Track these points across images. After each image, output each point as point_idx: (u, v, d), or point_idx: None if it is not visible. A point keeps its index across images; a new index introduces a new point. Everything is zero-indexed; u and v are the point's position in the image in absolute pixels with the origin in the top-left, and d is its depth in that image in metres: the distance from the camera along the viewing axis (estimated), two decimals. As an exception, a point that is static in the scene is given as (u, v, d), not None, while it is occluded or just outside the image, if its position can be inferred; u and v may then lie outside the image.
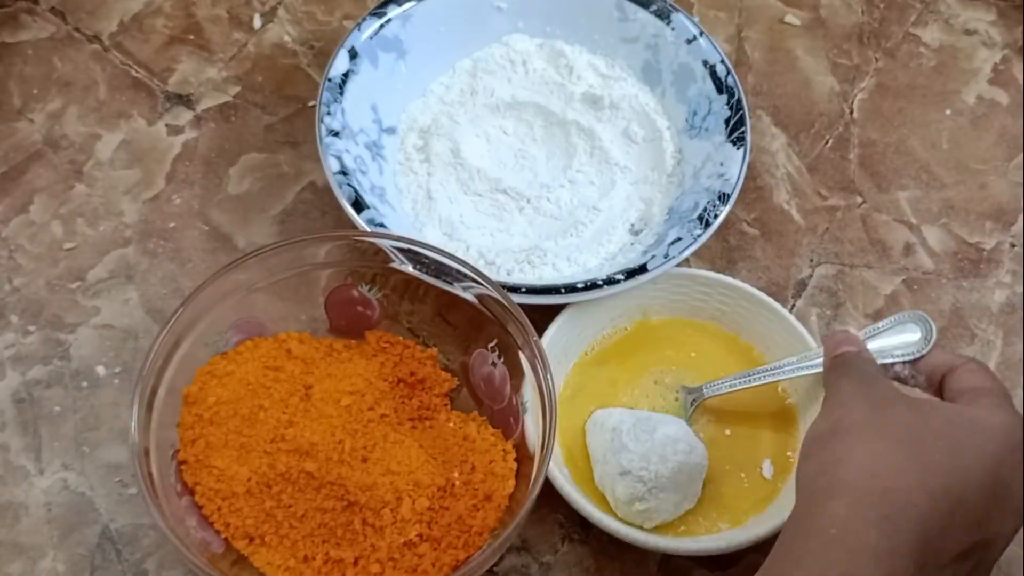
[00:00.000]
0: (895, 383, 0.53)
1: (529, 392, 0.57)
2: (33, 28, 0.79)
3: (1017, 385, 0.66)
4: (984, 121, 0.78)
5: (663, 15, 0.73)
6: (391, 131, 0.72)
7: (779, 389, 0.63)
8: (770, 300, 0.64)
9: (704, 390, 0.62)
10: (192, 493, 0.55)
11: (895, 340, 0.56)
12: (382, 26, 0.72)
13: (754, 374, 0.61)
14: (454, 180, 0.70)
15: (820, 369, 0.56)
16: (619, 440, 0.58)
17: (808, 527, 0.44)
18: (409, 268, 0.60)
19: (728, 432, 0.62)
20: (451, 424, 0.59)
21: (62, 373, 0.64)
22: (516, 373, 0.58)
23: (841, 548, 0.42)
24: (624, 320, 0.65)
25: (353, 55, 0.70)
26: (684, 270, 0.65)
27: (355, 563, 0.53)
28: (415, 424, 0.59)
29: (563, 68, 0.75)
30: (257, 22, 0.80)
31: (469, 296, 0.59)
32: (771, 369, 0.60)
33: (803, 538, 0.44)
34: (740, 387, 0.61)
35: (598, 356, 0.65)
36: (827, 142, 0.77)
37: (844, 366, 0.53)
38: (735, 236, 0.72)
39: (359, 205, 0.64)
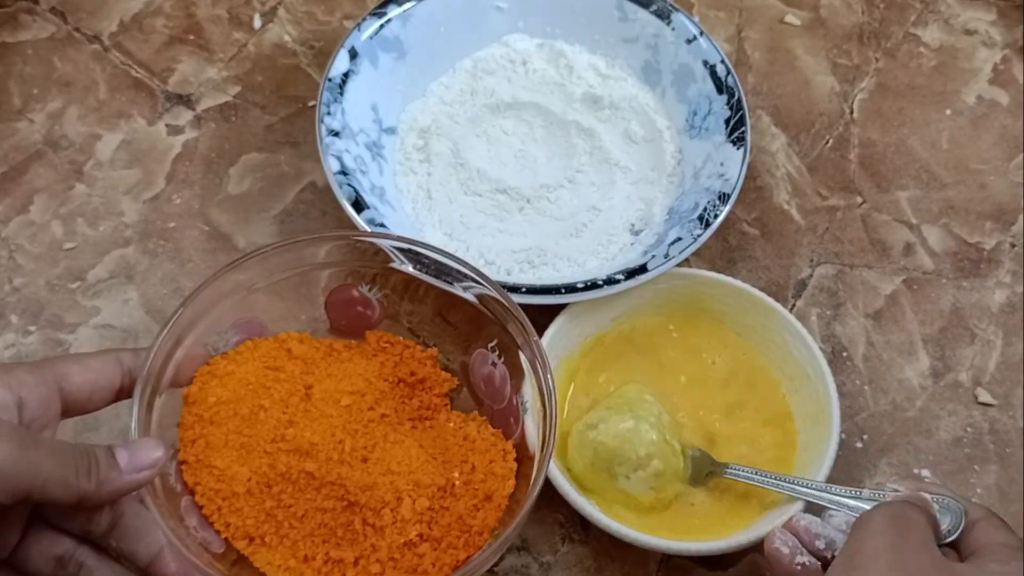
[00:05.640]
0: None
1: (529, 392, 0.57)
2: (33, 28, 0.79)
3: (1017, 384, 0.66)
4: (984, 121, 0.78)
5: (663, 15, 0.73)
6: (391, 131, 0.72)
7: (780, 393, 0.63)
8: (770, 300, 0.64)
9: (728, 470, 0.59)
10: (192, 493, 0.55)
11: None
12: (382, 26, 0.72)
13: (786, 482, 0.57)
14: (454, 180, 0.70)
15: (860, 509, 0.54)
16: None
17: None
18: (409, 268, 0.60)
19: (728, 430, 0.62)
20: (451, 424, 0.59)
21: (62, 373, 0.64)
22: (516, 373, 0.58)
23: None
24: (624, 320, 0.65)
25: (353, 55, 0.70)
26: (684, 270, 0.65)
27: (355, 563, 0.53)
28: (415, 424, 0.59)
29: (563, 68, 0.75)
30: (257, 22, 0.80)
31: (469, 296, 0.59)
32: (809, 488, 0.56)
33: None
34: (766, 486, 0.57)
35: (599, 357, 0.65)
36: (827, 142, 0.77)
37: (892, 510, 0.50)
38: (735, 236, 0.72)
39: (359, 205, 0.64)
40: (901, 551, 0.47)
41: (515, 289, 0.61)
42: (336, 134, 0.67)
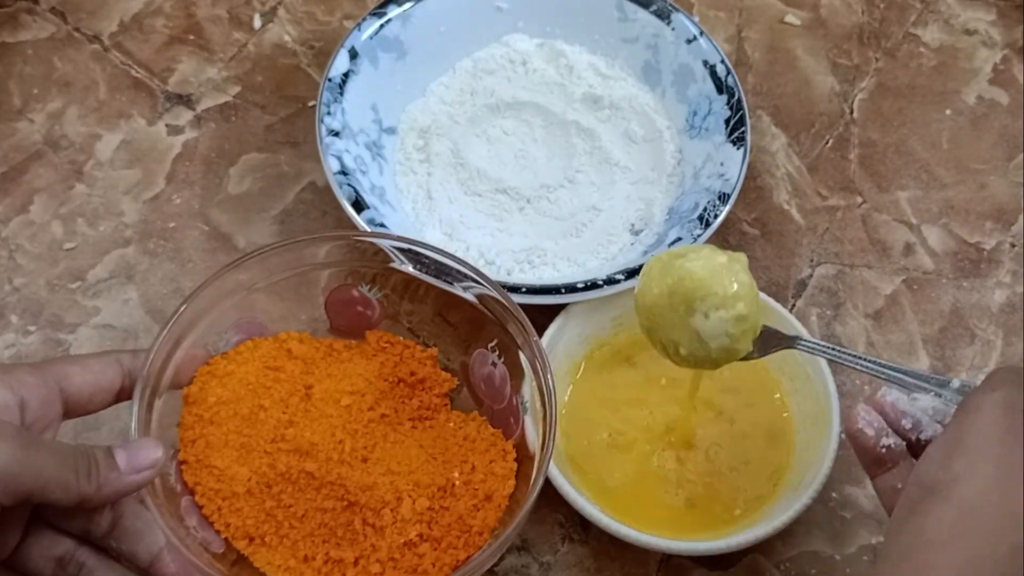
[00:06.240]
0: None
1: (529, 392, 0.57)
2: (33, 28, 0.79)
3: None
4: (984, 121, 0.78)
5: (663, 15, 0.73)
6: (391, 131, 0.72)
7: (775, 397, 0.63)
8: (770, 300, 0.64)
9: (800, 343, 0.55)
10: (192, 493, 0.55)
11: None
12: (382, 26, 0.72)
13: (863, 359, 0.53)
14: (454, 180, 0.70)
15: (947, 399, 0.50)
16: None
17: (905, 530, 0.42)
18: (409, 268, 0.60)
19: (728, 429, 0.62)
20: (451, 424, 0.59)
21: (62, 373, 0.64)
22: (516, 373, 0.58)
23: (942, 554, 0.41)
24: (625, 320, 0.65)
25: (353, 55, 0.70)
26: (684, 270, 0.65)
27: (355, 563, 0.53)
28: (415, 424, 0.59)
29: (563, 68, 0.75)
30: (257, 22, 0.80)
31: (469, 296, 0.59)
32: (888, 368, 0.52)
33: (901, 543, 0.42)
34: (840, 361, 0.53)
35: (599, 357, 0.65)
36: (827, 142, 0.77)
37: (1007, 398, 0.44)
38: (735, 236, 0.72)
39: (359, 205, 0.64)
40: (1011, 445, 0.42)
41: (515, 289, 0.61)
42: (336, 134, 0.67)
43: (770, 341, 0.55)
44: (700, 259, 0.53)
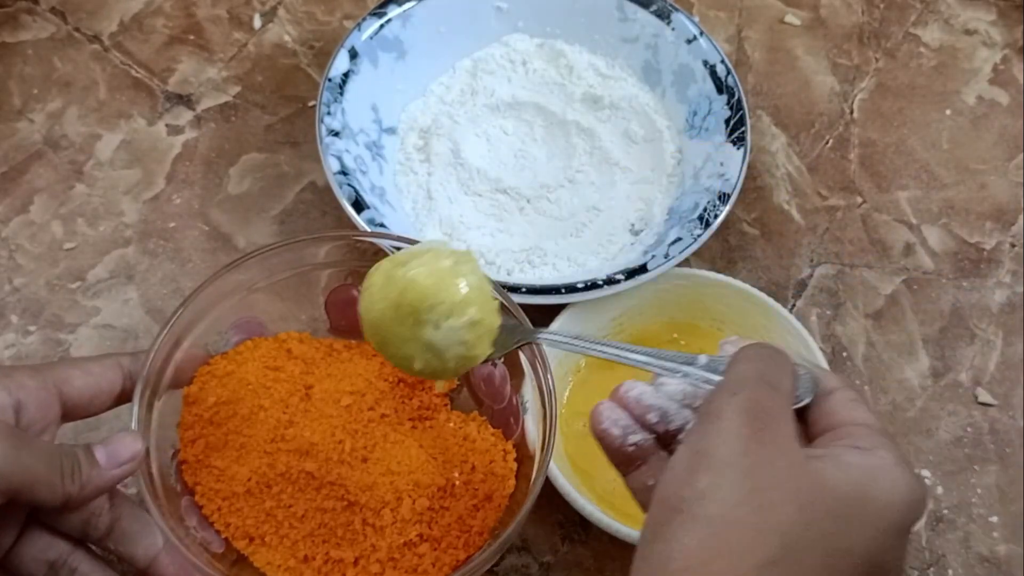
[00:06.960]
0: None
1: (529, 392, 0.57)
2: (33, 28, 0.79)
3: (1017, 384, 0.66)
4: (984, 121, 0.78)
5: (663, 15, 0.73)
6: (391, 131, 0.72)
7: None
8: (770, 300, 0.64)
9: (539, 335, 0.52)
10: (192, 493, 0.55)
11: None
12: (382, 26, 0.72)
13: (606, 347, 0.49)
14: (454, 180, 0.70)
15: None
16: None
17: (653, 554, 0.38)
18: (409, 268, 0.60)
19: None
20: (451, 424, 0.59)
21: (62, 373, 0.64)
22: (516, 373, 0.58)
23: None
24: (624, 320, 0.65)
25: (353, 55, 0.70)
26: (684, 270, 0.65)
27: (355, 563, 0.53)
28: (415, 424, 0.59)
29: (563, 68, 0.75)
30: (257, 22, 0.80)
31: (469, 296, 0.59)
32: (632, 353, 0.48)
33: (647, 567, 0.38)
34: (578, 351, 0.50)
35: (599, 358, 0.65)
36: (827, 142, 0.77)
37: (748, 403, 0.40)
38: (735, 236, 0.72)
39: (359, 205, 0.64)
40: (757, 454, 0.39)
41: (515, 289, 0.61)
42: (336, 134, 0.67)
43: (509, 338, 0.51)
44: (423, 265, 0.49)
